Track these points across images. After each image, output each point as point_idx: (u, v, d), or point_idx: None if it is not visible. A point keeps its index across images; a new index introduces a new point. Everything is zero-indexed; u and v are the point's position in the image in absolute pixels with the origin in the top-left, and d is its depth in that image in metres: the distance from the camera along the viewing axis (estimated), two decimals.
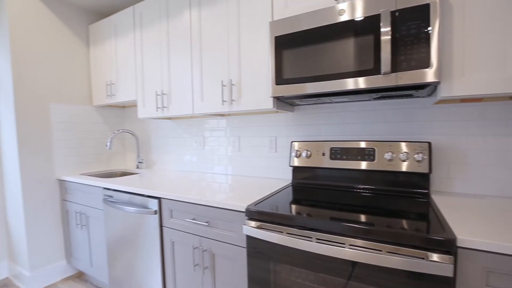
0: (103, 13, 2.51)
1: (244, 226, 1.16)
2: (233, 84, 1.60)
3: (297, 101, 1.55)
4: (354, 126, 1.59)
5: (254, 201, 1.27)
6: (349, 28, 1.16)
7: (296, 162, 1.65)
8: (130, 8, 2.07)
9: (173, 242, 1.52)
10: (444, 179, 1.38)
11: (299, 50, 1.28)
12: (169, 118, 2.32)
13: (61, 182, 2.23)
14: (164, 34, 1.88)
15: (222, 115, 2.04)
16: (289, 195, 1.40)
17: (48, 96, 2.17)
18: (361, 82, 1.15)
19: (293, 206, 1.20)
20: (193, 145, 2.23)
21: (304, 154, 1.61)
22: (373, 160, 1.43)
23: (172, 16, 1.83)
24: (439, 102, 1.35)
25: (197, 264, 1.42)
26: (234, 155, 2.02)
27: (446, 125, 1.36)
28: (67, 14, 2.28)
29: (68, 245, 2.25)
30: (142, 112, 2.06)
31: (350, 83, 1.17)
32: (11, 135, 2.07)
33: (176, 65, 1.84)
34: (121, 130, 2.39)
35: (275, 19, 1.44)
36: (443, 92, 1.08)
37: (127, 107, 2.68)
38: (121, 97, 2.20)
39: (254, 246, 1.18)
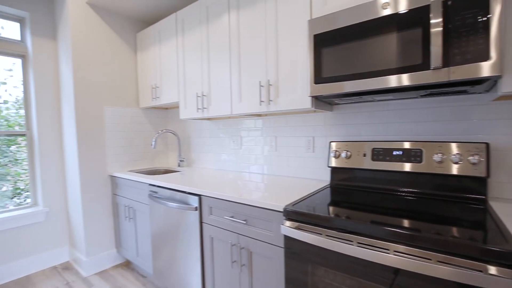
0: (149, 21, 2.69)
1: (282, 226, 1.17)
2: (270, 85, 1.61)
3: (336, 100, 1.51)
4: (397, 125, 1.50)
5: (291, 201, 1.27)
6: (394, 22, 1.10)
7: (335, 163, 1.60)
8: (172, 15, 2.19)
9: (212, 238, 1.58)
10: (505, 184, 1.24)
11: (339, 48, 1.25)
12: (208, 119, 2.41)
13: (112, 178, 2.44)
14: (204, 37, 1.95)
15: (259, 115, 2.06)
16: (327, 196, 1.37)
17: (102, 99, 2.39)
18: (408, 79, 1.08)
19: (332, 208, 1.17)
20: (231, 145, 2.29)
21: (343, 154, 1.56)
22: (420, 162, 1.33)
23: (212, 20, 1.90)
24: (500, 99, 1.21)
25: (234, 261, 1.45)
26: (271, 155, 2.03)
27: (508, 124, 1.22)
28: (118, 24, 2.49)
29: (117, 235, 2.45)
30: (184, 113, 2.17)
31: (395, 80, 1.11)
32: (71, 136, 2.33)
33: (215, 67, 1.90)
34: (164, 130, 2.55)
35: (313, 17, 1.42)
36: (506, 87, 0.97)
37: (170, 109, 2.84)
38: (164, 99, 2.34)
39: (292, 247, 1.17)
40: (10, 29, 2.45)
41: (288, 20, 1.52)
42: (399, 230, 0.89)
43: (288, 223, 1.17)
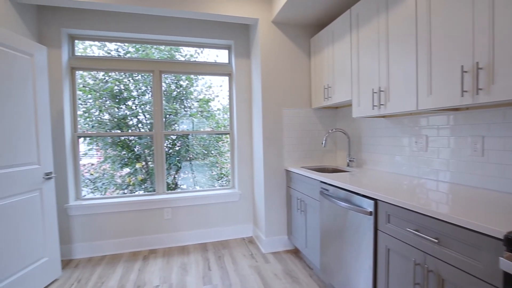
0: (321, 25, 2.79)
1: (501, 258, 0.86)
2: (480, 68, 1.22)
3: None
4: None
5: None
6: None
7: None
8: (346, 12, 2.15)
9: (388, 249, 1.41)
10: None
11: None
12: (384, 116, 2.19)
13: (287, 172, 2.74)
14: (383, 28, 1.78)
15: (456, 109, 1.64)
16: None
17: (281, 103, 2.74)
18: None
19: None
20: (411, 146, 1.96)
21: None
22: None
23: (392, 7, 1.69)
24: None
25: (418, 283, 1.23)
26: (473, 160, 1.56)
27: None
28: (294, 34, 2.76)
29: (289, 224, 2.73)
30: (356, 111, 2.08)
31: None
32: (258, 134, 2.82)
33: (395, 58, 1.69)
34: (334, 130, 2.57)
35: None
36: None
37: (339, 108, 2.84)
38: (336, 99, 2.35)
39: None
40: (221, 56, 3.31)
41: None
42: None
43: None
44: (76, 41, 2.79)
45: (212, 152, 3.84)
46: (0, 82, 1.84)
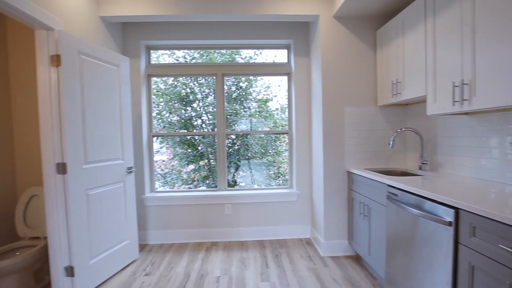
0: (388, 16, 2.57)
1: None
2: None
3: None
4: None
5: None
6: None
7: None
8: None
9: (472, 266, 1.22)
10: None
11: None
12: (466, 113, 1.91)
13: (349, 174, 2.61)
14: (467, 11, 1.54)
15: None
16: None
17: (343, 101, 2.62)
18: None
19: None
20: (504, 147, 1.66)
21: None
22: None
23: None
24: None
25: None
26: None
27: None
28: (357, 28, 2.60)
29: (350, 228, 2.59)
30: (432, 108, 1.86)
31: None
32: (318, 134, 2.75)
33: (485, 45, 1.45)
34: (403, 129, 2.34)
35: None
36: None
37: (410, 105, 2.57)
38: (407, 95, 2.14)
39: None
40: (279, 56, 3.32)
41: None
42: None
43: None
44: (151, 51, 3.14)
45: (270, 151, 3.89)
46: (97, 90, 2.19)
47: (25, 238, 2.29)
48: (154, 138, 3.26)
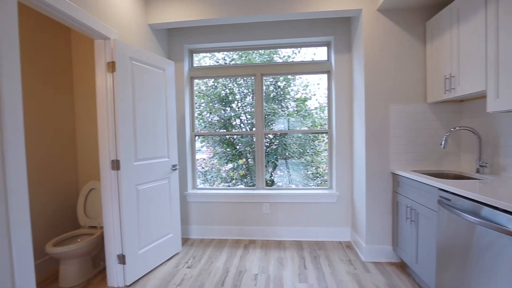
0: (440, 5, 2.36)
1: None
2: None
3: None
4: None
5: None
6: None
7: None
8: None
9: None
10: None
11: None
12: None
13: (394, 176, 2.45)
14: None
15: None
16: None
17: (388, 98, 2.47)
18: None
19: None
20: None
21: None
22: None
23: None
24: None
25: None
26: None
27: None
28: (404, 20, 2.43)
29: (395, 234, 2.44)
30: (494, 104, 1.66)
31: None
32: (360, 133, 2.64)
33: None
34: (457, 128, 2.14)
35: None
36: None
37: (465, 101, 2.34)
38: (462, 90, 1.94)
39: None
40: (318, 54, 3.24)
41: None
42: None
43: None
44: (194, 54, 3.29)
45: (308, 151, 3.82)
46: (145, 93, 2.36)
47: (85, 226, 2.56)
48: (196, 137, 3.41)
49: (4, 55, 1.28)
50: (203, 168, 4.00)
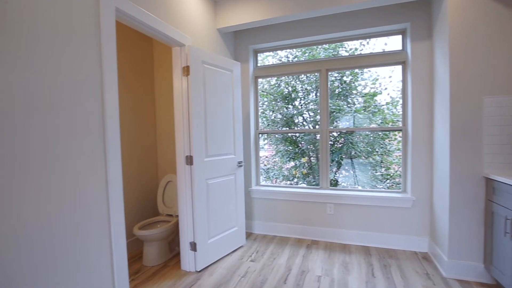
0: None
1: None
2: None
3: None
4: None
5: None
6: None
7: None
8: None
9: None
10: None
11: None
12: None
13: (488, 181, 2.08)
14: None
15: None
16: None
17: (480, 89, 2.10)
18: None
19: None
20: None
21: None
22: None
23: None
24: None
25: None
26: None
27: None
28: None
29: (488, 250, 2.07)
30: None
31: None
32: (443, 131, 2.31)
33: None
34: None
35: None
36: None
37: None
38: None
39: None
40: (390, 43, 2.95)
41: None
42: None
43: None
44: (258, 54, 3.38)
45: (377, 150, 3.54)
46: (215, 93, 2.53)
47: (163, 214, 2.89)
48: (259, 135, 3.50)
49: (107, 80, 1.54)
50: (265, 165, 4.08)
